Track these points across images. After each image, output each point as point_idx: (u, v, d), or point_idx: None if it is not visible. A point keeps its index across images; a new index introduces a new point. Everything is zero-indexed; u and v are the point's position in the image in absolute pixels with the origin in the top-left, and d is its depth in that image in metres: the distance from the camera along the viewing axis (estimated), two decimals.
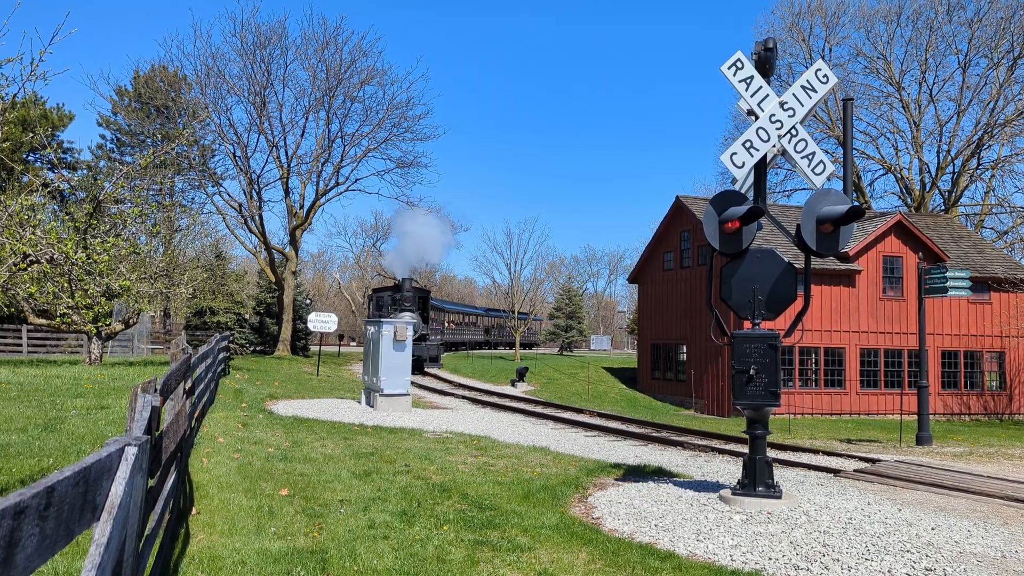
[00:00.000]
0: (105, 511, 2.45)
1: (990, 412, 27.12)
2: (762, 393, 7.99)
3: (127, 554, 2.84)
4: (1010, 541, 7.20)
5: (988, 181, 43.00)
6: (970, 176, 42.15)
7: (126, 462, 2.60)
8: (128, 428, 3.96)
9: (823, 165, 8.36)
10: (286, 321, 40.47)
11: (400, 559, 5.83)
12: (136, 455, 2.72)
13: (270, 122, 38.76)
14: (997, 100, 40.03)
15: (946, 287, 16.88)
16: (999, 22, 39.35)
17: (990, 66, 40.46)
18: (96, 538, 2.42)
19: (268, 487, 8.07)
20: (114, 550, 2.50)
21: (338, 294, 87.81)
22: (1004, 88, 39.82)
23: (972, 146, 40.98)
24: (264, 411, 15.16)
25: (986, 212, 42.83)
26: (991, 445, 16.84)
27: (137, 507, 3.02)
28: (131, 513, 2.79)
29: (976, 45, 40.47)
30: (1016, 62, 39.52)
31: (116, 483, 2.52)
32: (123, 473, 2.55)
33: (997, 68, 40.09)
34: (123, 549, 2.73)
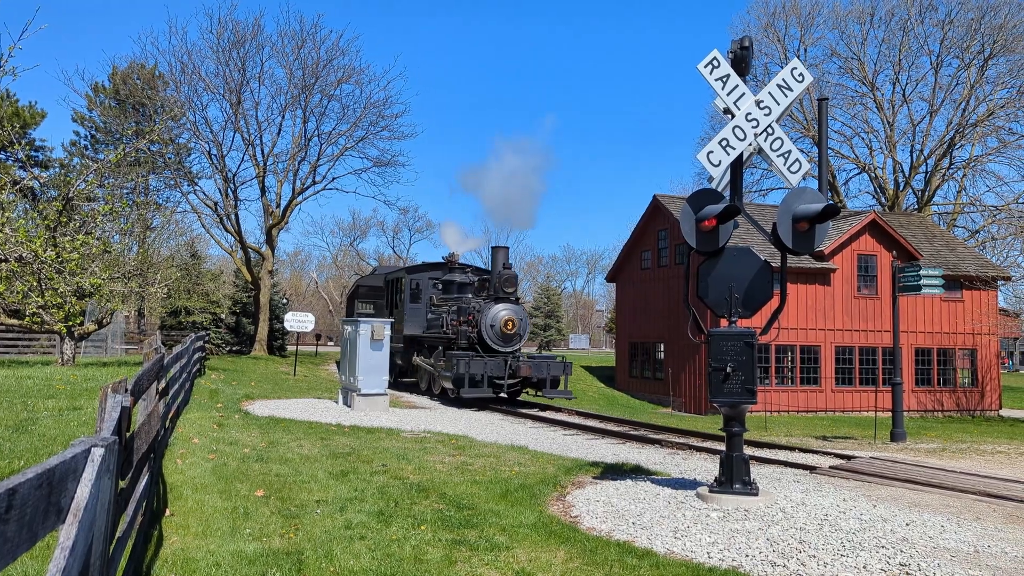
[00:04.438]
0: (70, 514, 2.39)
1: (962, 408, 27.47)
2: (739, 391, 8.02)
3: (94, 557, 2.78)
4: (983, 536, 7.27)
5: (960, 180, 43.56)
6: (942, 175, 42.65)
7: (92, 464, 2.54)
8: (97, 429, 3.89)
9: (799, 164, 8.41)
10: (262, 321, 40.14)
11: (377, 559, 5.78)
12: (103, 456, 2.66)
13: (246, 120, 38.42)
14: (968, 100, 40.55)
15: (919, 285, 17.06)
16: (970, 23, 39.86)
17: (961, 67, 40.97)
18: (61, 541, 2.36)
19: (243, 488, 7.98)
20: (80, 554, 2.45)
21: (315, 293, 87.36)
22: (975, 88, 40.34)
23: (944, 146, 41.48)
24: (240, 411, 15.01)
25: (958, 211, 43.37)
26: (964, 441, 17.05)
27: (105, 510, 2.96)
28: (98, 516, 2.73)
29: (948, 46, 40.96)
30: (987, 63, 40.05)
31: (82, 485, 2.46)
32: (89, 475, 2.49)
33: (968, 69, 40.61)
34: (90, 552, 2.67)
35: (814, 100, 39.86)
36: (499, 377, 19.05)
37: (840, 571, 5.95)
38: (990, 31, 39.42)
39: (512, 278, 20.31)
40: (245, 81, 37.64)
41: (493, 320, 19.66)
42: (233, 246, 41.97)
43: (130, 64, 40.54)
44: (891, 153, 42.99)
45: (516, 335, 19.93)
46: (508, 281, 20.13)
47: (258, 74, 38.24)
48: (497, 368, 19.02)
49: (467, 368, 18.46)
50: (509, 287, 20.15)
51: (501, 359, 19.25)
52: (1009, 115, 40.38)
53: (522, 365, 19.13)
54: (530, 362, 19.35)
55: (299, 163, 40.46)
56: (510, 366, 19.10)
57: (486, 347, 19.62)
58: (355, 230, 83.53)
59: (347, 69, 39.85)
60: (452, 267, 24.40)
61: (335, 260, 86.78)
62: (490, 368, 18.83)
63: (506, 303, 20.07)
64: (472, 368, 18.49)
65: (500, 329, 19.64)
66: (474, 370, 18.56)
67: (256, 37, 37.64)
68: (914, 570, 6.00)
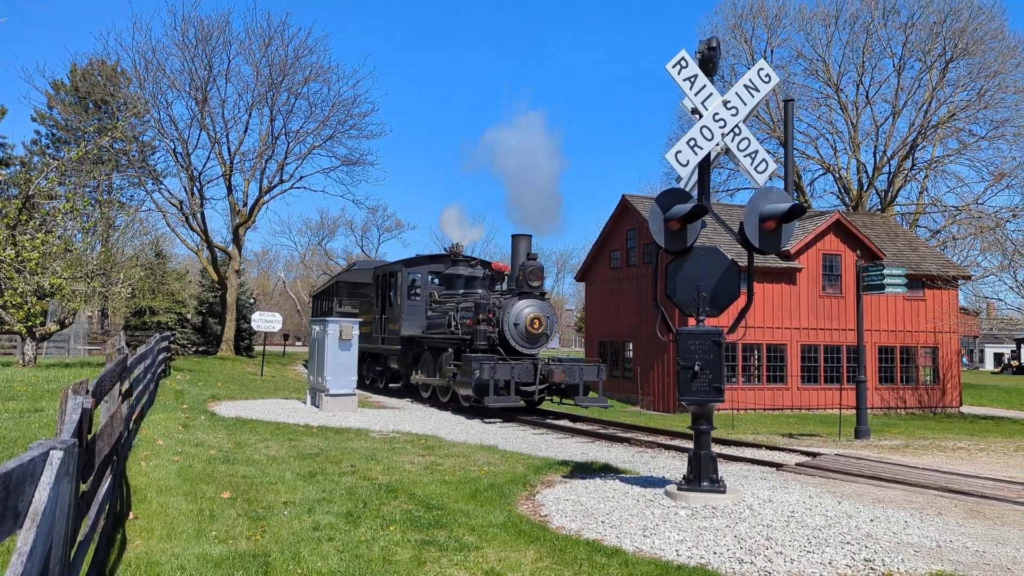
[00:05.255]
0: (28, 519, 2.33)
1: (924, 406, 27.94)
2: (707, 389, 8.08)
3: (54, 562, 2.72)
4: (945, 531, 7.40)
5: (922, 181, 44.34)
6: (905, 176, 43.38)
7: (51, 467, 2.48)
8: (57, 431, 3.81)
9: (765, 163, 8.49)
10: (229, 321, 39.73)
11: (345, 561, 5.74)
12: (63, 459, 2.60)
13: (212, 118, 38.04)
14: (930, 102, 41.30)
15: (883, 284, 17.31)
16: (932, 26, 40.58)
17: (923, 69, 41.71)
18: (19, 547, 2.31)
19: (209, 490, 7.88)
20: (39, 559, 2.39)
21: (283, 293, 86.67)
22: (936, 91, 41.08)
23: (907, 147, 42.20)
24: (206, 412, 14.84)
25: (920, 211, 44.13)
26: (926, 438, 17.34)
27: (65, 514, 2.90)
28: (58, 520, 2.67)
29: (910, 49, 41.71)
30: (948, 66, 40.80)
31: (40, 489, 2.40)
32: (48, 478, 2.44)
33: (930, 71, 41.34)
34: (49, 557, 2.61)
35: (780, 101, 40.32)
36: (527, 383, 16.53)
37: (806, 567, 6.01)
38: (951, 34, 40.17)
39: (538, 270, 17.69)
40: (211, 78, 37.28)
41: (517, 318, 17.27)
42: (199, 245, 41.51)
43: (91, 61, 39.98)
44: (855, 154, 43.64)
45: (543, 335, 17.58)
46: (534, 273, 17.53)
47: (225, 71, 37.93)
48: (525, 373, 16.51)
49: (492, 373, 15.88)
50: (535, 280, 17.57)
51: (529, 362, 16.79)
52: (969, 117, 41.20)
53: (554, 369, 16.62)
54: (562, 366, 16.88)
55: (266, 161, 40.17)
56: (540, 371, 16.66)
57: (509, 349, 17.24)
58: (323, 229, 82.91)
59: (315, 67, 39.70)
60: (456, 259, 21.78)
61: (303, 259, 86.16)
62: (517, 373, 16.30)
63: (531, 298, 17.56)
64: (498, 373, 15.97)
65: (525, 328, 17.26)
66: (500, 375, 16.02)
67: (223, 34, 37.27)
68: (878, 565, 6.08)
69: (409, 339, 21.22)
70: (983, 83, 40.42)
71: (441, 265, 21.97)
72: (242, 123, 39.51)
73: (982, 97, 40.42)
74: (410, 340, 21.21)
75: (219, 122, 38.51)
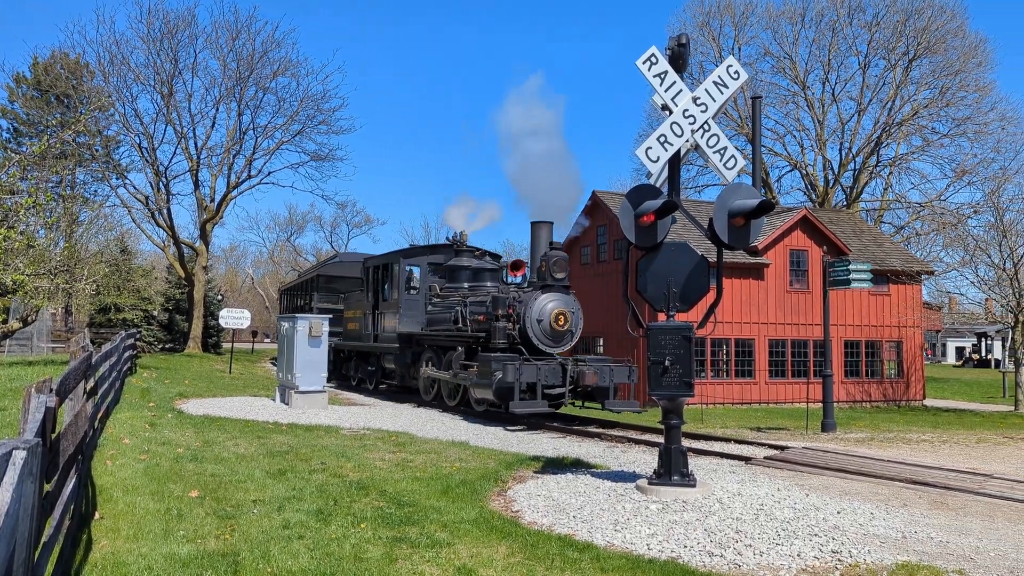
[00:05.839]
0: None
1: (889, 399, 28.40)
2: (677, 384, 8.13)
3: (17, 564, 2.66)
4: (910, 522, 7.52)
5: (887, 178, 45.03)
6: (870, 173, 44.01)
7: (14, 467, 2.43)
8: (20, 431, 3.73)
9: (734, 160, 8.56)
10: (197, 318, 39.26)
11: (316, 559, 5.70)
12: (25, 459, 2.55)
13: (178, 112, 37.52)
14: (894, 100, 41.91)
15: (849, 279, 17.55)
16: (896, 25, 41.18)
17: (888, 67, 42.32)
18: None
19: (177, 489, 7.79)
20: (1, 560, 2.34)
21: (251, 290, 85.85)
22: (900, 88, 41.72)
23: (872, 144, 42.81)
24: (173, 410, 14.66)
25: (885, 208, 44.80)
26: (890, 430, 17.62)
27: (28, 514, 2.84)
28: (21, 521, 2.62)
29: (875, 47, 42.30)
30: (911, 64, 41.45)
31: (2, 490, 2.35)
32: (10, 479, 2.38)
33: (894, 69, 41.95)
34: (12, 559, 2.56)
35: (748, 98, 40.68)
36: (555, 386, 14.77)
37: (775, 559, 6.08)
38: (914, 33, 40.80)
39: (563, 260, 15.95)
40: (177, 72, 36.77)
41: (540, 313, 15.56)
42: (166, 241, 40.97)
43: (53, 54, 39.24)
44: (821, 151, 44.21)
45: (568, 332, 15.93)
46: (558, 264, 15.78)
47: (191, 65, 37.41)
48: (552, 374, 14.70)
49: (517, 375, 14.11)
50: (559, 271, 15.79)
51: (556, 363, 14.96)
52: (932, 115, 41.91)
53: (586, 371, 14.73)
54: (593, 366, 15.04)
55: (234, 157, 39.73)
56: (570, 372, 14.77)
57: (531, 348, 15.47)
58: (292, 225, 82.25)
59: (283, 62, 39.33)
60: (460, 250, 19.98)
61: (272, 256, 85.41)
62: (544, 375, 14.51)
63: (555, 292, 15.81)
64: (524, 375, 14.22)
65: (550, 325, 15.56)
66: (526, 377, 14.24)
67: (189, 27, 36.78)
68: (846, 557, 6.17)
69: (408, 337, 19.61)
70: (945, 81, 41.16)
71: (442, 256, 20.36)
72: (209, 118, 39.04)
73: (944, 95, 41.14)
74: (409, 338, 19.61)
75: (185, 117, 38.02)
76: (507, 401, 14.42)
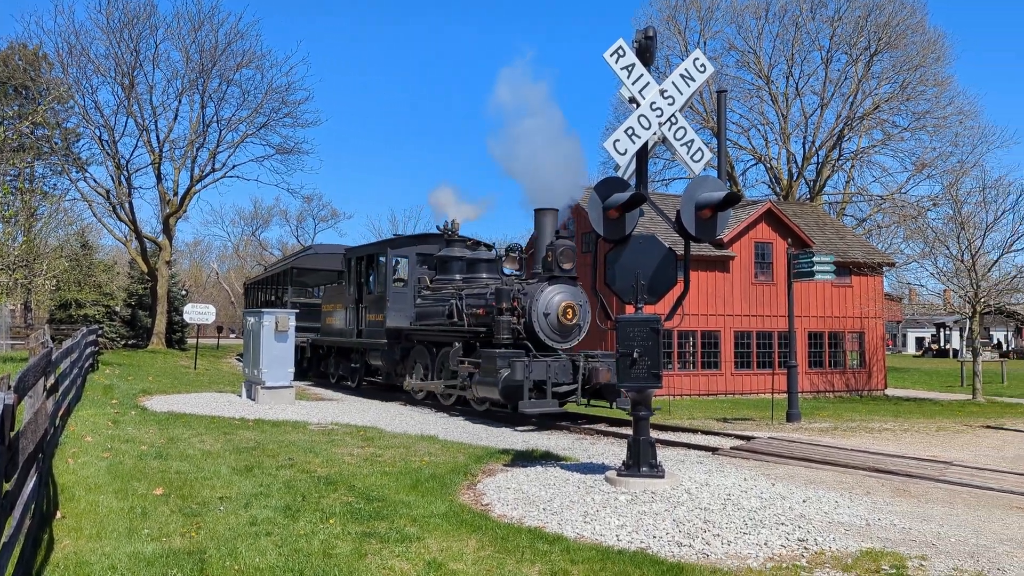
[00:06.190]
0: None
1: (852, 389, 28.83)
2: (645, 375, 8.18)
3: None
4: (873, 510, 7.65)
5: (849, 171, 45.63)
6: (832, 166, 44.57)
7: None
8: None
9: (701, 152, 8.61)
10: (160, 313, 38.71)
11: (284, 556, 5.65)
12: None
13: (140, 104, 36.88)
14: (856, 94, 42.46)
15: (813, 271, 17.78)
16: (857, 20, 41.69)
17: (849, 62, 42.85)
18: None
19: (141, 487, 7.68)
20: None
21: (216, 285, 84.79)
22: (862, 83, 42.27)
23: (834, 138, 43.35)
24: (137, 407, 14.45)
25: (847, 200, 45.41)
26: (853, 420, 17.90)
27: None
28: None
29: (837, 42, 42.79)
30: (872, 59, 42.01)
31: None
32: None
33: (856, 64, 42.50)
34: None
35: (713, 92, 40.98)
36: (564, 384, 13.93)
37: (743, 548, 6.15)
38: (875, 28, 41.34)
39: (570, 250, 14.94)
40: (138, 63, 36.12)
41: (547, 307, 14.60)
42: (128, 236, 40.31)
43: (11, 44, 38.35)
44: (785, 144, 44.67)
45: (576, 326, 15.02)
46: (565, 254, 14.78)
47: (152, 56, 36.75)
48: (563, 372, 13.85)
49: (526, 372, 13.18)
50: (567, 261, 14.80)
51: (567, 360, 14.26)
52: (892, 109, 42.54)
53: (599, 368, 13.79)
54: (605, 363, 13.99)
55: (197, 150, 39.17)
56: (582, 369, 13.92)
57: (538, 343, 14.56)
58: (257, 219, 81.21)
59: (247, 53, 38.78)
60: (451, 239, 18.93)
61: (237, 250, 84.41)
62: (554, 372, 13.62)
63: (562, 283, 14.85)
64: (533, 372, 13.31)
65: (557, 319, 14.57)
66: (536, 375, 13.33)
67: (150, 18, 36.13)
68: (811, 545, 6.26)
69: (396, 332, 18.52)
70: (905, 76, 41.75)
71: (432, 246, 19.32)
72: (171, 110, 38.41)
73: (904, 89, 41.75)
74: (397, 333, 18.53)
75: (147, 109, 37.37)
76: (514, 400, 13.56)
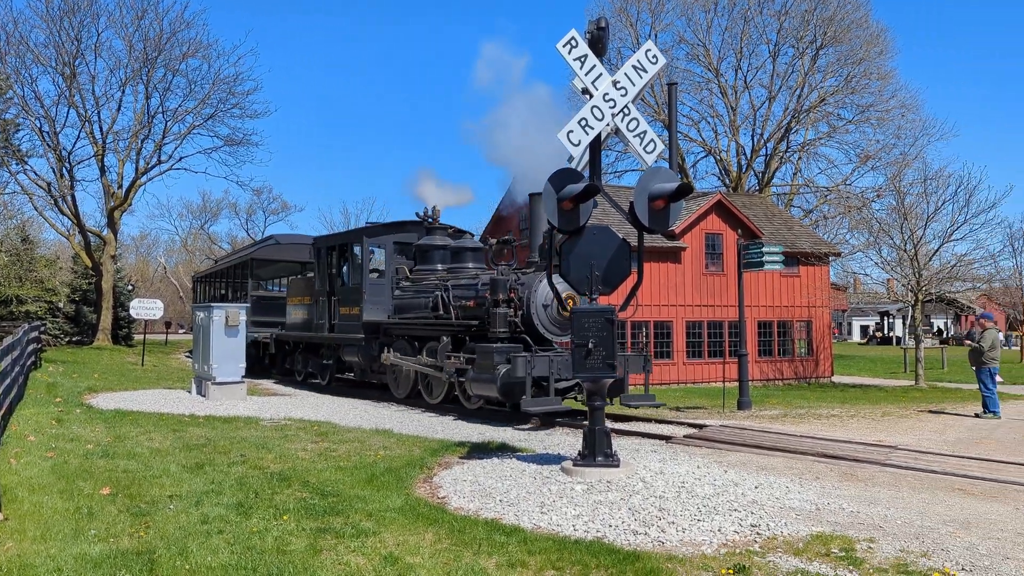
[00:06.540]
0: None
1: (800, 376, 29.39)
2: (600, 365, 8.22)
3: None
4: (823, 494, 7.81)
5: (796, 163, 46.41)
6: (780, 158, 45.31)
7: None
8: None
9: (654, 144, 8.66)
10: (106, 309, 37.80)
11: (236, 554, 5.55)
12: None
13: (82, 95, 35.89)
14: (803, 87, 43.19)
15: (762, 262, 18.07)
16: (804, 14, 42.38)
17: (796, 55, 43.54)
18: None
19: (87, 487, 7.49)
20: None
21: (164, 279, 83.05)
22: (808, 76, 43.01)
23: (782, 130, 44.07)
24: (82, 405, 14.10)
25: (794, 192, 46.22)
26: (802, 407, 18.24)
27: None
28: None
29: (784, 35, 43.45)
30: (818, 52, 42.77)
31: None
32: None
33: (802, 57, 43.21)
34: None
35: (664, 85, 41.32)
36: (565, 379, 12.95)
37: (697, 535, 6.22)
38: (821, 22, 42.07)
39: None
40: (80, 52, 35.14)
41: (547, 298, 13.87)
42: (71, 230, 39.26)
43: None
44: (734, 137, 45.27)
45: None
46: None
47: (94, 45, 35.75)
48: (566, 367, 12.69)
49: (529, 368, 12.22)
50: None
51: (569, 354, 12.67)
52: (838, 102, 43.35)
53: None
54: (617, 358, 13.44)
55: (142, 141, 38.26)
56: None
57: (536, 337, 13.91)
58: (206, 212, 79.71)
59: (193, 43, 37.95)
60: (432, 227, 17.86)
61: (185, 244, 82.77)
62: (557, 367, 12.58)
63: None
64: (536, 368, 12.33)
65: (557, 310, 13.93)
66: (538, 371, 12.38)
67: (91, 5, 35.14)
68: (764, 530, 6.36)
69: (374, 326, 17.39)
70: (850, 69, 42.57)
71: (411, 234, 18.23)
72: (115, 100, 37.45)
73: (849, 83, 42.58)
74: (375, 327, 17.39)
75: (89, 99, 36.37)
76: (514, 399, 12.87)
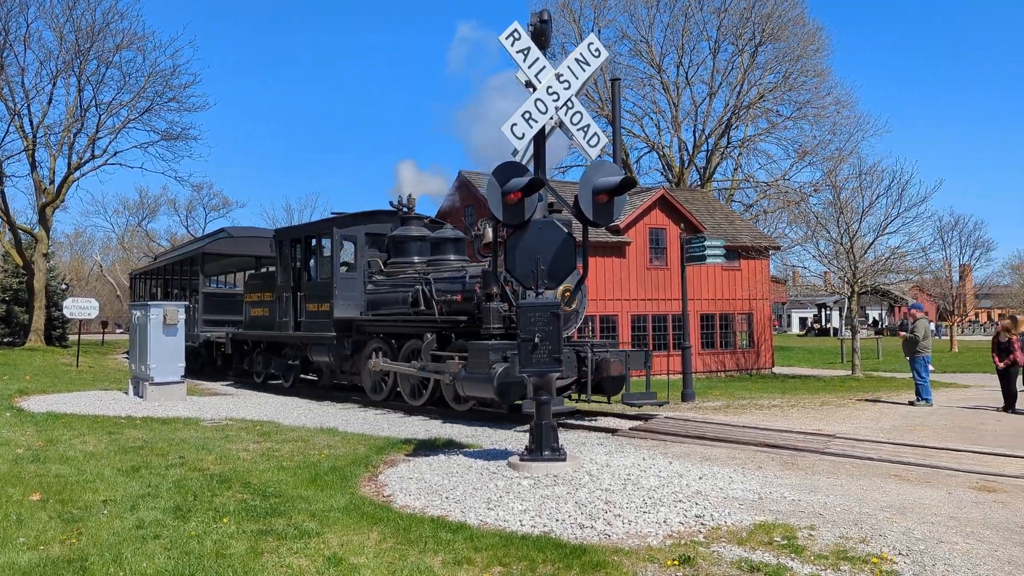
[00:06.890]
0: None
1: (742, 368, 29.93)
2: (547, 360, 8.19)
3: None
4: (765, 484, 7.93)
5: (736, 159, 47.20)
6: (721, 154, 46.04)
7: None
8: None
9: (597, 137, 8.67)
10: (38, 308, 36.56)
11: (174, 559, 5.39)
12: None
13: (10, 87, 34.60)
14: (742, 84, 43.94)
15: (704, 255, 18.32)
16: (743, 12, 43.09)
17: (735, 52, 44.27)
18: None
19: (16, 493, 7.21)
20: None
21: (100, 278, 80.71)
22: (748, 73, 43.78)
23: (722, 126, 44.78)
24: (12, 408, 13.61)
25: (735, 187, 47.01)
26: (744, 397, 18.56)
27: None
28: None
29: (724, 32, 44.13)
30: (757, 50, 43.56)
31: None
32: None
33: (742, 55, 43.96)
34: None
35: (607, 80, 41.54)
36: (566, 378, 12.46)
37: (643, 527, 6.25)
38: (759, 19, 42.83)
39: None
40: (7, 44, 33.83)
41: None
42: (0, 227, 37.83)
43: None
44: (677, 132, 45.81)
45: (574, 312, 13.22)
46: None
47: (23, 36, 34.48)
48: (568, 366, 12.10)
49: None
50: None
51: (571, 351, 12.52)
52: (776, 98, 44.21)
53: (611, 359, 12.68)
54: (617, 355, 12.98)
55: (75, 135, 37.05)
56: (589, 361, 12.41)
57: None
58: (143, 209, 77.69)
59: (127, 34, 36.81)
60: (407, 216, 16.94)
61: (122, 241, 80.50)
62: None
63: None
64: None
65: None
66: None
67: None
68: (708, 521, 6.42)
69: (347, 323, 16.34)
70: (787, 67, 43.44)
71: (384, 225, 17.18)
72: (45, 93, 36.18)
73: (787, 80, 43.46)
74: (348, 325, 16.34)
75: (18, 92, 35.09)
76: (511, 399, 11.99)
